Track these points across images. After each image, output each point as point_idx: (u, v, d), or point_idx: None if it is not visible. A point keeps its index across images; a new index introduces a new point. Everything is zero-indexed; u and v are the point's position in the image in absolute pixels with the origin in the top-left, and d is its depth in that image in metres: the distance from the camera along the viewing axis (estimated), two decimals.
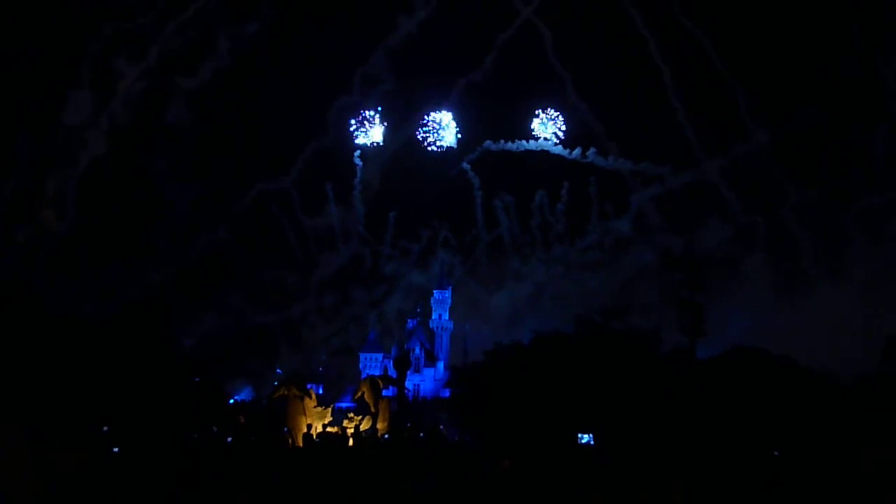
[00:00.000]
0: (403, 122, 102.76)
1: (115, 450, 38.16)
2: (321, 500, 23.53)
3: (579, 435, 50.48)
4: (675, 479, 28.24)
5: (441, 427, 67.62)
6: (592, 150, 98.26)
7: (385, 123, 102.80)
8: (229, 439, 57.30)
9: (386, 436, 71.94)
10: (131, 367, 50.80)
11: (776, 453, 45.63)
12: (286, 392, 75.45)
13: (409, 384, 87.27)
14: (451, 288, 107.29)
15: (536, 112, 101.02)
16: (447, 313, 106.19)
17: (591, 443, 50.03)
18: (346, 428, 76.18)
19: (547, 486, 29.16)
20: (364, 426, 76.67)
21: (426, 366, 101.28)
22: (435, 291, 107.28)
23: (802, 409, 45.41)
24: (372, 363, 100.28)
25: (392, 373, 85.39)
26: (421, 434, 64.84)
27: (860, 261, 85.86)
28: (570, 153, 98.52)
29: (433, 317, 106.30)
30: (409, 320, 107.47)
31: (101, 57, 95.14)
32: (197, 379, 62.19)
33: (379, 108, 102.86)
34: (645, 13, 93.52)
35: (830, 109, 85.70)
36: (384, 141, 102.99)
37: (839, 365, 51.23)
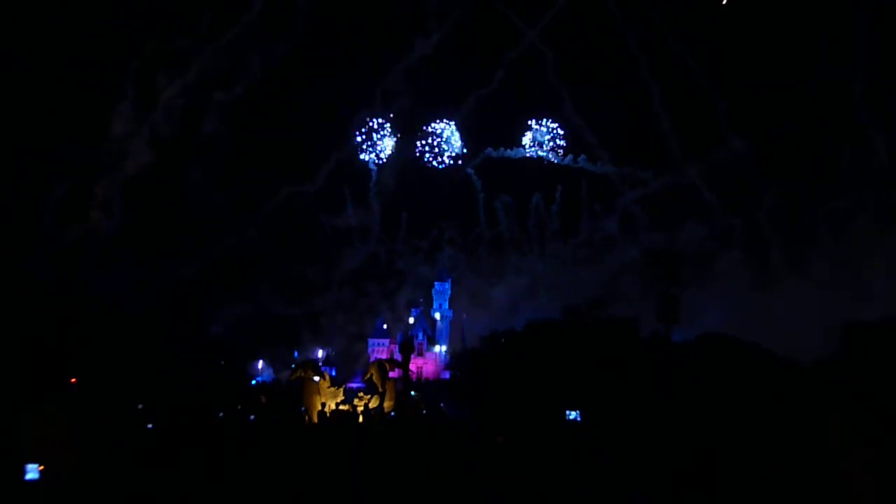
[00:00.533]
0: (415, 133, 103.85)
1: (149, 426, 38.04)
2: (334, 471, 23.29)
3: (567, 412, 50.33)
4: (652, 451, 28.17)
5: (441, 405, 67.41)
6: (583, 156, 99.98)
7: (397, 136, 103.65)
8: (252, 417, 57.13)
9: (392, 413, 71.82)
10: (165, 351, 50.67)
11: (740, 430, 45.47)
12: (303, 374, 75.37)
13: (412, 367, 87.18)
14: (450, 280, 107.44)
15: (530, 123, 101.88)
16: (447, 303, 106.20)
17: (578, 419, 49.88)
18: (357, 406, 76.03)
19: (537, 459, 29.01)
20: (373, 405, 76.57)
21: (428, 350, 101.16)
22: (436, 283, 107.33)
23: (766, 390, 45.22)
24: (380, 348, 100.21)
25: (398, 356, 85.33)
26: (424, 412, 64.65)
27: (824, 257, 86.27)
28: (563, 160, 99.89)
29: (434, 306, 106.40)
30: (412, 309, 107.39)
31: (145, 73, 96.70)
32: (223, 362, 61.98)
33: (386, 121, 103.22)
34: (636, 35, 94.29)
35: (801, 120, 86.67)
36: (394, 150, 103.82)
37: (802, 351, 51.10)
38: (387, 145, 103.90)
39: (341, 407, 74.69)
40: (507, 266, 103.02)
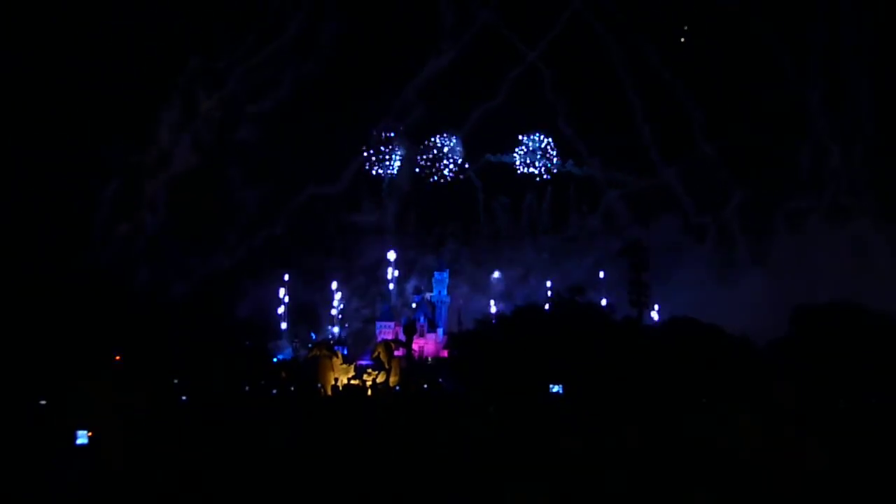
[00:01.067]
0: (422, 145, 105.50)
1: (184, 398, 38.53)
2: (346, 437, 23.77)
3: (550, 385, 50.94)
4: (628, 420, 28.64)
5: (440, 380, 67.89)
6: (570, 161, 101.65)
7: (403, 150, 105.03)
8: (274, 391, 57.63)
9: (397, 387, 72.33)
10: (198, 333, 51.03)
11: (704, 400, 46.08)
12: (318, 353, 75.95)
13: (415, 347, 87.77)
14: (448, 270, 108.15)
15: (521, 138, 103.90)
16: (445, 290, 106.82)
17: (561, 392, 50.52)
18: (366, 381, 76.59)
19: (523, 426, 29.49)
20: (380, 380, 77.11)
21: (429, 332, 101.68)
22: (436, 273, 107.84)
23: (724, 365, 45.86)
24: (386, 330, 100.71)
25: (402, 337, 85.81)
26: (425, 386, 65.14)
27: (782, 250, 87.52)
28: (552, 166, 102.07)
29: (434, 292, 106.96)
30: (415, 296, 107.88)
31: (189, 85, 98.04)
32: (248, 343, 62.47)
33: (397, 135, 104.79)
34: (622, 57, 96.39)
35: (765, 128, 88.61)
36: (404, 161, 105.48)
37: (759, 332, 51.82)
38: (397, 157, 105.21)
39: (352, 382, 75.26)
40: (502, 257, 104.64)
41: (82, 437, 20.47)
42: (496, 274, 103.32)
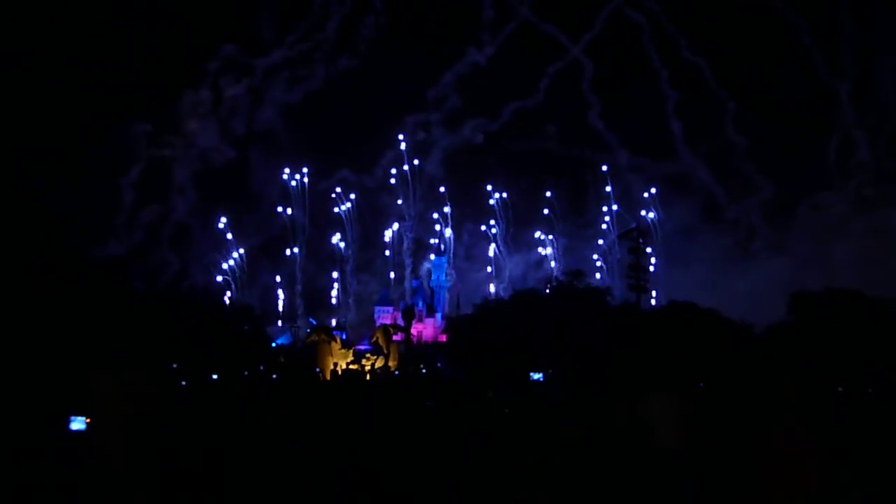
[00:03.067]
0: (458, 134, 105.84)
1: (183, 383, 38.37)
2: (344, 422, 23.60)
3: (531, 374, 51.23)
4: (622, 403, 28.54)
5: (439, 365, 68.01)
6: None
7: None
8: (274, 376, 57.66)
9: (396, 372, 72.45)
10: (198, 317, 51.03)
11: (701, 385, 46.09)
12: (317, 338, 76.01)
13: (413, 331, 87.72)
14: (446, 256, 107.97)
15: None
16: (443, 275, 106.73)
17: (542, 380, 50.87)
18: (364, 366, 76.74)
19: (522, 411, 29.42)
20: (378, 364, 77.26)
21: (427, 316, 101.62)
22: (434, 258, 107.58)
23: (721, 350, 45.91)
24: (385, 315, 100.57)
25: (401, 322, 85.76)
26: (423, 371, 65.23)
27: (798, 240, 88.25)
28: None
29: (432, 278, 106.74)
30: (413, 281, 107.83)
31: (220, 72, 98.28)
32: (247, 328, 62.41)
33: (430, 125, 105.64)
34: (658, 49, 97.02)
35: (795, 119, 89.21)
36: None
37: (762, 318, 52.04)
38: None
39: (351, 366, 75.37)
40: (523, 245, 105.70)
41: (78, 423, 20.06)
42: (491, 252, 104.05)
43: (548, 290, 57.74)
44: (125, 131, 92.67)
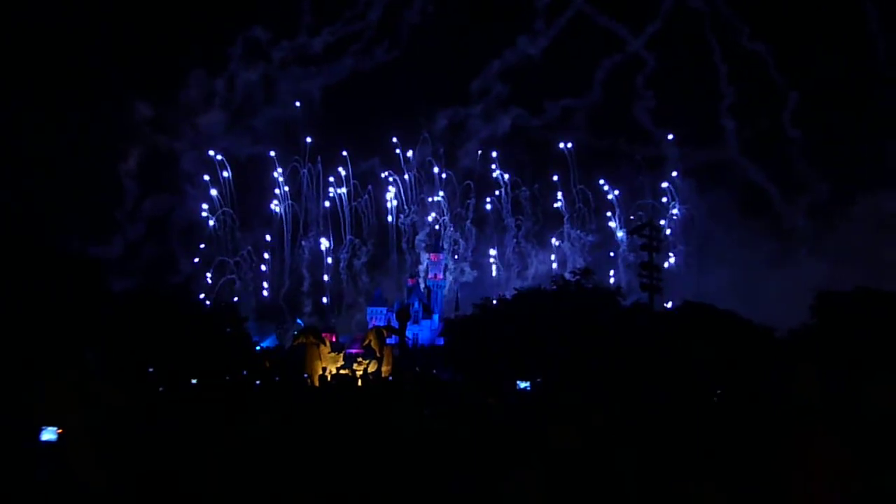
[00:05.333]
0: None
1: (161, 389, 38.32)
2: (334, 431, 23.60)
3: (517, 382, 51.36)
4: (630, 411, 28.59)
5: (434, 371, 68.03)
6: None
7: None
8: (257, 382, 57.55)
9: (389, 377, 72.43)
10: (176, 319, 50.97)
11: (717, 392, 46.19)
12: (305, 340, 75.90)
13: (409, 333, 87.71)
14: (445, 254, 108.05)
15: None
16: (442, 273, 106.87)
17: (528, 389, 50.98)
18: (356, 370, 76.77)
19: (526, 418, 29.47)
20: (371, 369, 77.25)
21: (424, 318, 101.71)
22: (431, 255, 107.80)
23: (740, 355, 45.93)
24: (377, 316, 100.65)
25: (395, 324, 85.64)
26: (419, 376, 65.15)
27: (844, 241, 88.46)
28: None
29: (430, 276, 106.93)
30: (408, 280, 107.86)
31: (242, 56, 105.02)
32: (229, 330, 62.36)
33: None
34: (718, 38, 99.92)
35: (854, 112, 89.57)
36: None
37: (788, 321, 52.10)
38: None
39: (341, 371, 75.38)
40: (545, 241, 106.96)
41: (49, 433, 20.07)
42: (492, 252, 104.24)
43: (554, 288, 57.57)
44: (126, 116, 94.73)
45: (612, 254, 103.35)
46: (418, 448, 17.54)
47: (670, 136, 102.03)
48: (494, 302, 64.34)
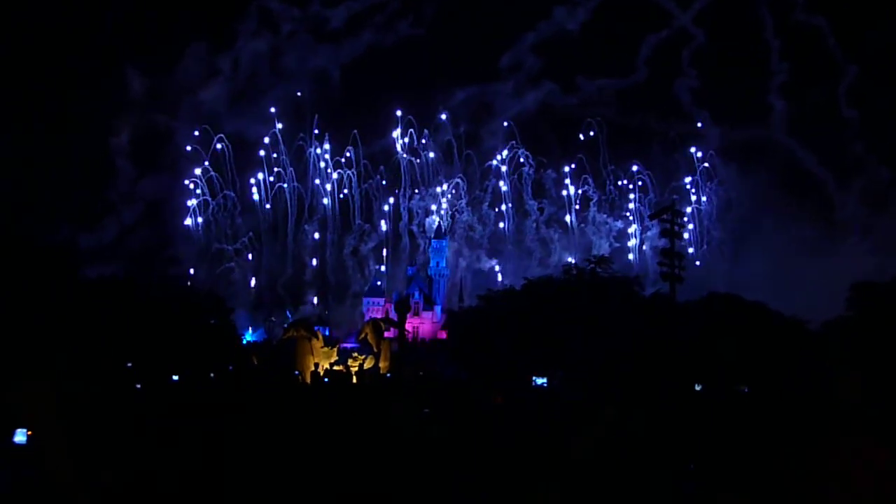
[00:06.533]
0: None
1: (138, 386, 38.52)
2: (327, 433, 23.77)
3: (533, 378, 51.54)
4: (640, 407, 28.67)
5: (436, 368, 68.23)
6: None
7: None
8: (243, 379, 57.80)
9: (388, 374, 72.66)
10: (155, 310, 51.06)
11: (745, 389, 46.26)
12: (295, 333, 76.08)
13: (408, 327, 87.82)
14: (447, 238, 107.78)
15: None
16: (444, 261, 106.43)
17: (545, 385, 51.21)
18: (351, 367, 77.00)
19: (539, 417, 29.55)
20: (367, 365, 77.50)
21: (425, 309, 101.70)
22: (433, 241, 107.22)
23: (769, 349, 45.94)
24: (375, 307, 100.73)
25: (393, 316, 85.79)
26: (420, 373, 65.41)
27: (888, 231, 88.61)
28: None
29: (431, 264, 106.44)
30: (408, 268, 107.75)
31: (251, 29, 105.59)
32: (213, 321, 62.36)
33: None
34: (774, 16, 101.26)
35: None
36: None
37: (823, 312, 52.11)
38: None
39: (335, 367, 75.62)
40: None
41: (20, 435, 20.38)
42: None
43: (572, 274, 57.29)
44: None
45: (635, 240, 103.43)
46: (417, 453, 17.65)
47: (709, 116, 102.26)
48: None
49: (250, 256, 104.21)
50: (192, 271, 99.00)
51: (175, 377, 46.63)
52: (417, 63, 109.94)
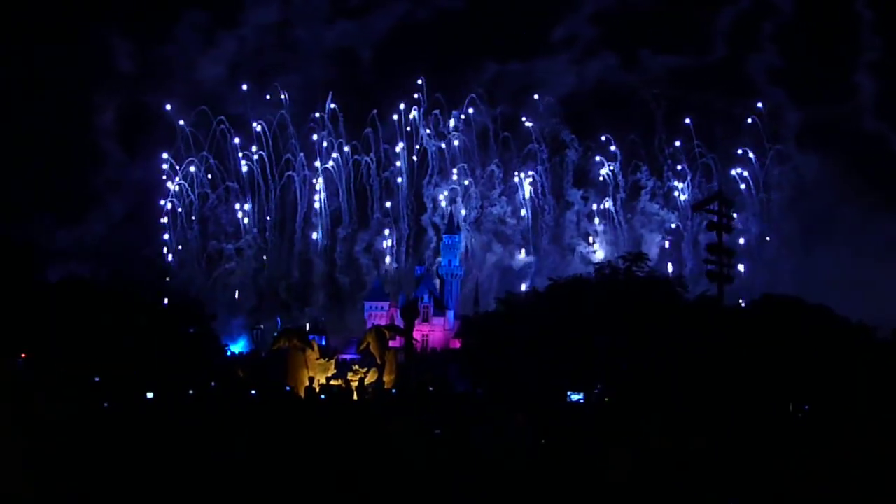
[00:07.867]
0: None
1: (105, 405, 38.30)
2: (323, 456, 23.43)
3: (569, 394, 51.25)
4: (696, 430, 28.20)
5: (448, 382, 67.90)
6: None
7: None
8: (227, 395, 57.59)
9: (393, 389, 72.28)
10: (126, 318, 50.98)
11: (805, 407, 45.75)
12: (286, 343, 75.76)
13: (416, 335, 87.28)
14: (461, 234, 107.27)
15: None
16: (457, 259, 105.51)
17: (581, 401, 50.97)
18: (351, 381, 76.64)
19: (567, 441, 29.13)
20: (369, 379, 77.09)
21: (435, 315, 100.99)
22: (445, 237, 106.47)
23: (835, 359, 45.40)
24: (378, 312, 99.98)
25: (399, 322, 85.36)
26: (430, 388, 65.09)
27: None
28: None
29: (442, 263, 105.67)
30: (416, 267, 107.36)
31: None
32: (192, 330, 62.21)
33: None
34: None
35: None
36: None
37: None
38: None
39: (332, 382, 75.29)
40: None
41: None
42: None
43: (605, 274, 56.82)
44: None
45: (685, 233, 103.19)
46: (423, 482, 17.24)
47: (785, 96, 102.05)
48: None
49: (251, 255, 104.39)
50: (173, 265, 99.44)
51: (150, 395, 46.44)
52: (453, 38, 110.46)
